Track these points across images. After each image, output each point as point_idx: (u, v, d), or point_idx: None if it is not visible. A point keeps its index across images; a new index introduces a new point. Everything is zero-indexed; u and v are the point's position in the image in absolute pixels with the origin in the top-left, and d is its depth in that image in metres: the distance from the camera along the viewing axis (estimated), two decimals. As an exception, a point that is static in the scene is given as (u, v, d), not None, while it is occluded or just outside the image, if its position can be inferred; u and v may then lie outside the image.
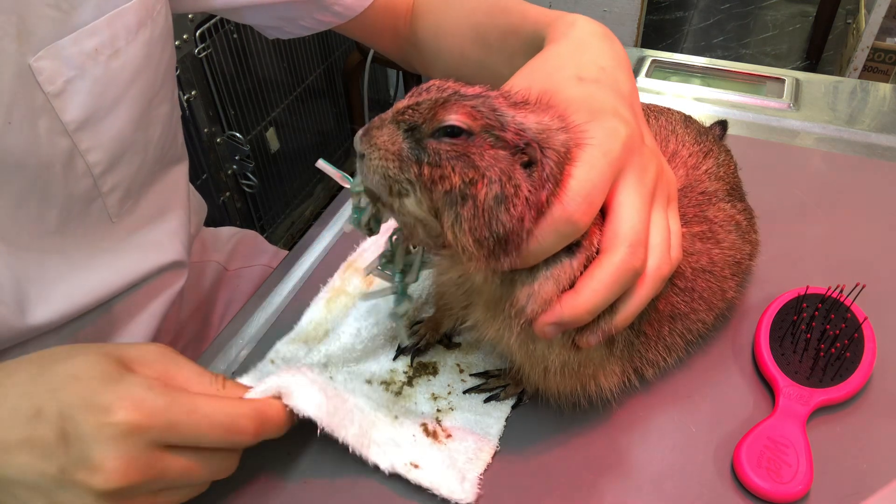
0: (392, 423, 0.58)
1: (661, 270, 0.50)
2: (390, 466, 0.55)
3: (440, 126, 0.46)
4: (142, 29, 0.65)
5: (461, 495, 0.54)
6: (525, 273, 0.49)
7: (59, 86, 0.59)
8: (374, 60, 2.23)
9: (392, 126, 0.47)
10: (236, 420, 0.46)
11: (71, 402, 0.42)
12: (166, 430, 0.43)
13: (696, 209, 0.64)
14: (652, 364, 0.61)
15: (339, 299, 0.73)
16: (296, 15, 0.81)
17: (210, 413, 0.45)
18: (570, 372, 0.55)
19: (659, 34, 3.51)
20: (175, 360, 0.48)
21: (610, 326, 0.51)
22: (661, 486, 0.56)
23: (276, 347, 0.68)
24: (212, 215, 1.95)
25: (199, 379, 0.48)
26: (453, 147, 0.45)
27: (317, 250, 0.81)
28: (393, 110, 0.48)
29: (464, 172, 0.45)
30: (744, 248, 0.66)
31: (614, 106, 0.52)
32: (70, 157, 0.62)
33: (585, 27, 0.61)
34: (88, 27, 0.60)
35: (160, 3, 0.68)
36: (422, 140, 0.46)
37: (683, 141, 0.70)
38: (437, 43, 0.84)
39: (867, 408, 0.61)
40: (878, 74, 2.60)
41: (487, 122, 0.46)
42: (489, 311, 0.53)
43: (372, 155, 0.47)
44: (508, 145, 0.46)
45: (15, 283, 0.61)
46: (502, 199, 0.45)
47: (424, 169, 0.46)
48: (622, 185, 0.49)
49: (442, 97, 0.47)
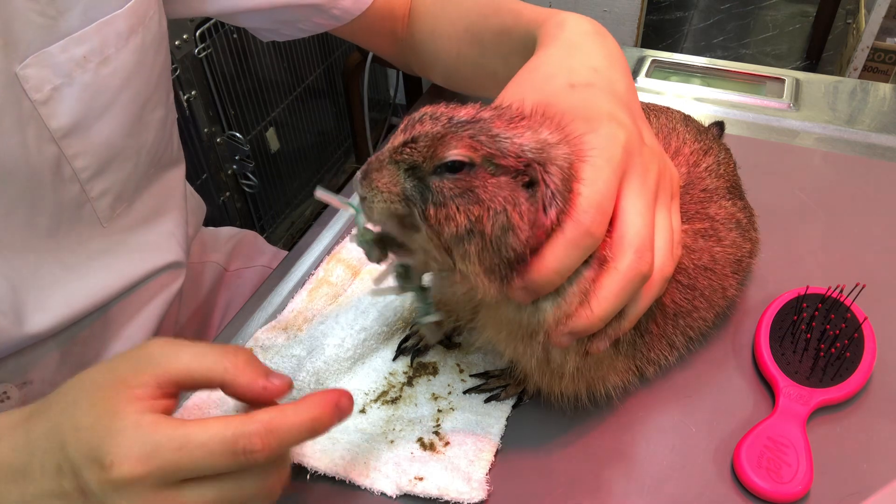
0: (389, 448, 0.59)
1: (664, 271, 0.50)
2: (396, 489, 0.55)
3: (441, 163, 0.45)
4: (133, 35, 0.64)
5: (471, 494, 0.54)
6: (552, 294, 0.49)
7: (46, 93, 0.58)
8: (374, 60, 2.23)
9: (391, 167, 0.47)
10: (238, 441, 0.43)
11: (76, 459, 0.42)
12: (164, 472, 0.42)
13: (697, 206, 0.64)
14: (654, 362, 0.61)
15: (321, 289, 0.73)
16: (293, 18, 0.81)
17: (205, 441, 0.42)
18: (581, 376, 0.55)
19: (659, 34, 3.51)
20: (173, 355, 0.46)
21: (618, 330, 0.51)
22: (662, 485, 0.56)
23: (256, 335, 0.68)
24: (212, 215, 1.95)
25: (200, 364, 0.46)
26: (456, 183, 0.45)
27: (317, 250, 0.81)
28: (389, 149, 0.48)
29: (468, 210, 0.45)
30: (744, 246, 0.66)
31: (610, 111, 0.51)
32: (57, 163, 0.61)
33: (575, 27, 0.60)
34: (77, 35, 0.59)
35: (153, 9, 0.67)
36: (424, 178, 0.46)
37: (685, 139, 0.70)
38: (433, 45, 0.83)
39: (867, 408, 0.61)
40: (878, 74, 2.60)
41: (488, 152, 0.45)
42: (505, 329, 0.53)
43: (375, 198, 0.47)
44: (509, 171, 0.46)
45: (11, 292, 0.61)
46: (509, 227, 0.45)
47: (430, 209, 0.46)
48: (626, 190, 0.49)
49: (439, 131, 0.46)
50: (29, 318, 0.63)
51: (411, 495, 0.55)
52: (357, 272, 0.76)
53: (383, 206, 0.47)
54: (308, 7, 0.79)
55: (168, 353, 0.45)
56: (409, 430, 0.60)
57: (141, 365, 0.45)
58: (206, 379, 0.45)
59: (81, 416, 0.43)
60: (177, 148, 0.81)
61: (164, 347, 0.46)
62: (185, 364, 0.45)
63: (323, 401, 0.46)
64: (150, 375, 0.44)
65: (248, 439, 0.43)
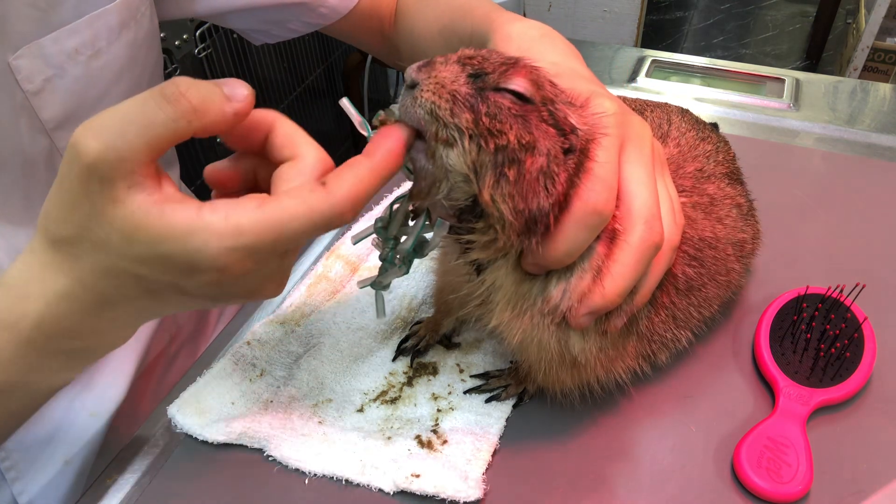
0: (386, 445, 0.59)
1: (672, 240, 0.51)
2: (392, 485, 0.55)
3: (507, 85, 0.45)
4: (124, 30, 0.64)
5: (467, 493, 0.54)
6: (561, 270, 0.49)
7: (38, 84, 0.59)
8: (374, 60, 2.23)
9: (457, 66, 0.45)
10: (331, 222, 0.40)
11: (169, 278, 0.40)
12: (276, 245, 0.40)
13: (692, 181, 0.64)
14: (667, 345, 0.59)
15: (320, 285, 0.73)
16: (281, 18, 0.81)
17: (304, 227, 0.39)
18: (598, 361, 0.54)
19: (659, 34, 3.51)
20: (114, 150, 0.37)
21: (632, 306, 0.51)
22: (662, 485, 0.56)
23: (253, 329, 0.68)
24: (212, 215, 1.95)
25: (147, 133, 0.38)
26: (515, 106, 0.44)
27: (317, 250, 0.81)
28: (459, 53, 0.46)
29: (520, 133, 0.44)
30: (745, 229, 0.66)
31: (589, 88, 0.52)
32: (50, 155, 0.62)
33: (523, 35, 0.60)
34: (68, 27, 0.59)
35: (144, 5, 0.68)
36: (484, 90, 0.45)
37: (677, 126, 0.71)
38: (412, 46, 0.84)
39: (867, 408, 0.61)
40: (878, 74, 2.60)
41: (548, 96, 0.46)
42: (513, 310, 0.52)
43: (427, 86, 0.44)
44: (558, 125, 0.46)
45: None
46: (547, 174, 0.44)
47: (482, 118, 0.44)
48: (625, 160, 0.49)
49: (511, 58, 0.46)
50: None
51: (408, 492, 0.55)
52: (356, 268, 0.76)
53: (430, 98, 0.44)
54: (295, 6, 0.79)
55: (110, 153, 0.37)
56: (407, 429, 0.60)
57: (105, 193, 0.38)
58: (168, 140, 0.39)
59: (141, 250, 0.39)
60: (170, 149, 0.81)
61: (95, 147, 0.37)
62: (137, 145, 0.38)
63: (389, 154, 0.44)
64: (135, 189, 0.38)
65: (341, 217, 0.41)
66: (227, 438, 0.59)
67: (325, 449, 0.58)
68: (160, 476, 0.59)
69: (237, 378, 0.64)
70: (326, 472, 0.57)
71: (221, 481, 0.58)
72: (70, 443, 0.70)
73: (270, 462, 0.59)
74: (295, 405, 0.62)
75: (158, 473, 0.59)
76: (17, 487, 0.67)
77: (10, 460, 0.66)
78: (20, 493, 0.67)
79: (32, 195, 0.62)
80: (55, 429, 0.69)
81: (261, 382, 0.64)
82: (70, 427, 0.70)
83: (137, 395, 0.79)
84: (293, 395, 0.63)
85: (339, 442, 0.59)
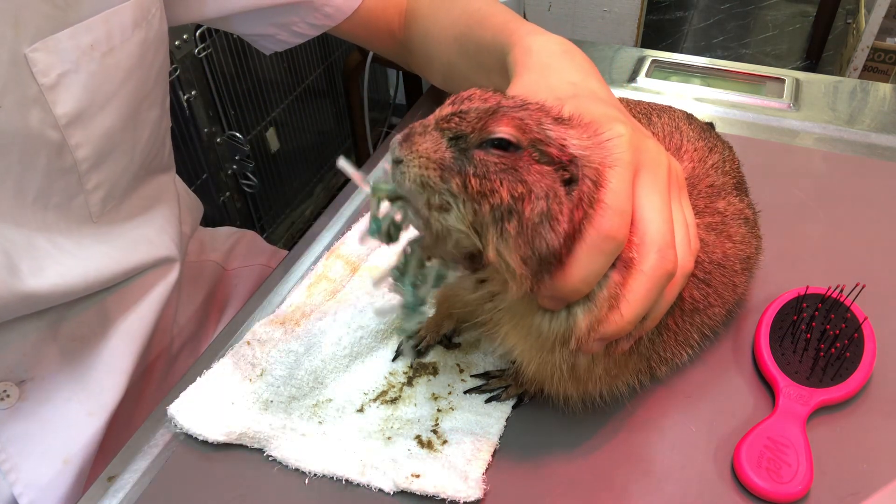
0: (386, 445, 0.59)
1: (686, 267, 0.51)
2: (392, 485, 0.55)
3: (489, 138, 0.44)
4: (137, 29, 0.65)
5: (467, 493, 0.54)
6: (583, 300, 0.48)
7: (53, 79, 0.59)
8: (374, 60, 2.23)
9: (436, 133, 0.45)
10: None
11: None
12: None
13: (706, 200, 0.64)
14: (667, 361, 0.60)
15: (320, 284, 0.73)
16: (288, 20, 0.81)
17: None
18: (602, 380, 0.55)
19: (659, 34, 3.51)
20: None
21: (640, 330, 0.51)
22: (662, 485, 0.56)
23: (253, 329, 0.68)
24: (212, 215, 1.95)
25: None
26: (501, 160, 0.44)
27: (317, 250, 0.81)
28: (436, 117, 0.46)
29: (512, 187, 0.44)
30: (752, 242, 0.66)
31: (604, 112, 0.51)
32: (59, 151, 0.62)
33: (543, 50, 0.60)
34: (85, 23, 0.60)
35: (155, 6, 0.69)
36: (467, 150, 0.45)
37: (688, 136, 0.70)
38: (427, 49, 0.84)
39: (867, 408, 0.61)
40: (878, 74, 2.60)
41: (535, 137, 0.45)
42: (532, 339, 0.52)
43: (412, 162, 0.45)
44: (553, 161, 0.45)
45: (4, 255, 0.61)
46: (548, 216, 0.44)
47: (471, 181, 0.44)
48: (640, 187, 0.49)
49: (491, 107, 0.45)
50: (25, 277, 0.62)
51: (408, 492, 0.55)
52: (356, 268, 0.76)
53: (418, 173, 0.44)
54: (301, 5, 0.80)
55: None
56: (407, 429, 0.60)
57: None
58: None
59: None
60: (168, 154, 0.82)
61: None
62: None
63: None
64: None
65: None
66: (227, 438, 0.59)
67: (325, 449, 0.58)
68: (160, 476, 0.59)
69: (237, 378, 0.64)
70: (326, 472, 0.57)
71: (221, 481, 0.58)
72: (68, 442, 0.70)
73: (270, 462, 0.59)
74: (295, 405, 0.62)
75: (158, 473, 0.59)
76: (18, 488, 0.67)
77: (10, 461, 0.66)
78: (20, 494, 0.67)
79: (25, 186, 0.62)
80: (53, 428, 0.70)
81: (261, 382, 0.64)
82: (67, 427, 0.70)
83: (137, 395, 0.80)
84: (293, 395, 0.63)
85: (339, 442, 0.59)
